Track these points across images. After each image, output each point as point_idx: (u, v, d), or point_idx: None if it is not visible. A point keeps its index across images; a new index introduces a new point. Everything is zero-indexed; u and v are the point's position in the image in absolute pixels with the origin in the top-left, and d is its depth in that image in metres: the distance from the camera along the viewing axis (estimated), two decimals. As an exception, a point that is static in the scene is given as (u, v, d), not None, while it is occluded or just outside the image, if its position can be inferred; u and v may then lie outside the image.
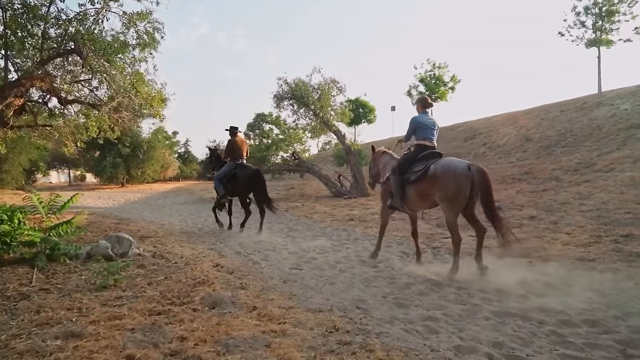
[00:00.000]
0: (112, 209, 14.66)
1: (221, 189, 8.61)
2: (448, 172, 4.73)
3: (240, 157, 8.55)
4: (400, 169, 5.36)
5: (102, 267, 3.91)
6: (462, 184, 4.62)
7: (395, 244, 6.89)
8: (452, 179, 4.69)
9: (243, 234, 8.29)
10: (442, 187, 4.75)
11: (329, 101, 16.55)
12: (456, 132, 24.09)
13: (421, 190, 5.06)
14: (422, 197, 5.13)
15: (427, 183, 4.94)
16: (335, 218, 10.18)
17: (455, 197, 4.70)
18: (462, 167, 4.69)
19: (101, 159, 31.84)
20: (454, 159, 5.05)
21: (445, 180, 4.73)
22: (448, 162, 4.87)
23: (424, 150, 5.20)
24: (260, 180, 8.36)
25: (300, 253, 6.31)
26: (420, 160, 5.16)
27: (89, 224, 8.27)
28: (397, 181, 5.36)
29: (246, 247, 6.82)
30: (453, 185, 4.67)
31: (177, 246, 6.40)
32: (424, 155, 5.16)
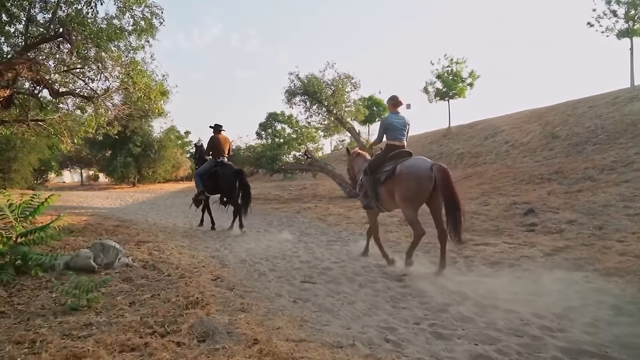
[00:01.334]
0: (117, 209, 14.11)
1: (200, 185, 8.63)
2: (411, 171, 4.83)
3: (222, 155, 8.51)
4: (371, 169, 5.47)
5: (74, 285, 3.22)
6: (424, 183, 4.71)
7: (421, 252, 6.10)
8: (414, 178, 4.78)
9: (251, 237, 7.62)
10: (404, 185, 4.86)
11: (343, 97, 15.82)
12: (475, 130, 23.11)
13: (391, 190, 5.14)
14: (393, 197, 5.17)
15: (394, 181, 5.02)
16: (351, 221, 9.42)
17: (417, 196, 4.83)
18: (425, 166, 4.77)
19: (112, 158, 31.60)
20: (419, 158, 5.11)
21: (408, 179, 4.83)
22: (412, 162, 4.97)
23: (394, 150, 5.28)
24: (243, 179, 8.37)
25: (314, 262, 5.58)
26: (389, 159, 5.24)
27: (85, 227, 7.66)
28: (369, 181, 5.49)
29: (253, 253, 6.12)
30: (415, 184, 4.78)
31: (176, 253, 5.72)
32: (393, 155, 5.25)
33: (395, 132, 5.32)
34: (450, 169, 16.23)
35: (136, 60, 6.77)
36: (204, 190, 8.62)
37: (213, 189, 8.59)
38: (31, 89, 6.82)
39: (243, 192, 8.34)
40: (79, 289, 3.12)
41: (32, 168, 24.41)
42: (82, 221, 8.74)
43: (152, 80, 7.15)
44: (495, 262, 5.20)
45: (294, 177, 23.51)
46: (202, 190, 8.63)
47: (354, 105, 16.21)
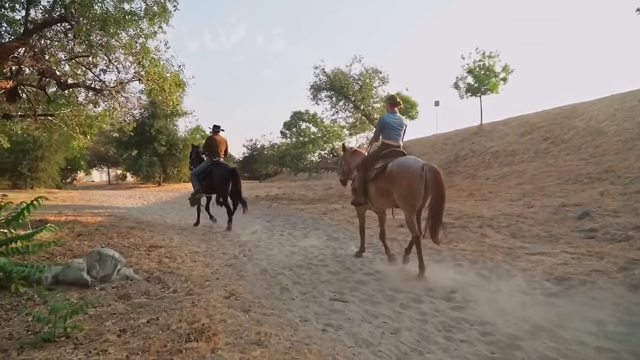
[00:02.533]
0: (138, 209, 13.70)
1: (197, 184, 8.76)
2: (402, 171, 4.77)
3: (217, 155, 8.63)
4: (364, 166, 5.47)
5: (49, 308, 2.59)
6: (415, 183, 4.63)
7: (467, 262, 5.29)
8: (405, 178, 4.71)
9: (274, 241, 6.96)
10: (397, 185, 4.80)
11: (371, 92, 15.04)
12: (510, 127, 21.91)
13: (379, 188, 5.14)
14: (381, 195, 5.17)
15: (384, 181, 5.01)
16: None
17: (410, 196, 4.73)
18: (416, 166, 4.70)
19: (138, 157, 31.67)
20: (410, 158, 5.02)
21: (399, 179, 4.77)
22: (403, 161, 4.90)
23: (387, 149, 5.28)
24: (236, 179, 8.46)
25: (344, 273, 4.85)
26: (382, 157, 5.24)
27: (97, 229, 7.14)
28: (360, 177, 5.50)
29: (275, 262, 5.44)
30: (406, 184, 4.70)
31: (189, 261, 5.10)
32: (385, 153, 5.24)
33: (392, 132, 5.32)
34: (484, 167, 15.26)
35: (147, 46, 6.19)
36: (200, 190, 8.72)
37: (209, 189, 8.72)
38: (38, 81, 6.35)
39: (236, 192, 8.50)
40: (55, 314, 2.49)
41: (59, 167, 24.47)
42: (97, 222, 8.28)
43: (166, 70, 6.59)
44: (561, 277, 4.35)
45: (320, 177, 22.85)
46: (198, 190, 8.75)
47: (382, 101, 15.38)
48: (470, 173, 18.10)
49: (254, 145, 45.84)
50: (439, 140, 28.06)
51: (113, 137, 34.11)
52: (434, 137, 30.27)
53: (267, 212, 11.96)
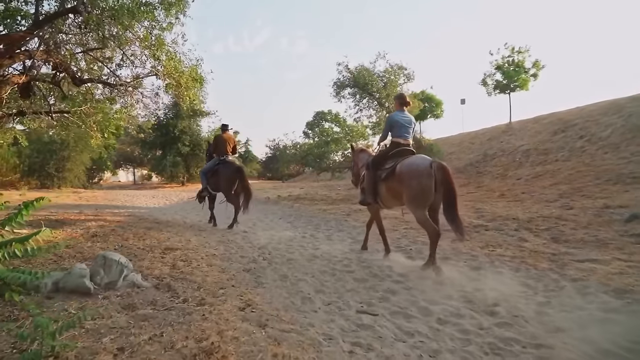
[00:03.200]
0: (159, 209, 13.58)
1: (204, 182, 8.86)
2: (411, 171, 4.74)
3: (225, 154, 8.67)
4: (374, 165, 5.42)
5: (34, 324, 2.26)
6: (425, 181, 4.59)
7: (507, 269, 4.79)
8: (415, 177, 4.67)
9: (295, 244, 6.59)
10: (407, 185, 4.75)
11: (396, 89, 14.50)
12: (541, 125, 21.00)
13: (390, 188, 5.11)
14: (392, 195, 5.14)
15: (394, 181, 4.97)
16: (409, 226, 8.15)
17: (420, 195, 4.66)
18: (424, 165, 4.67)
19: (162, 158, 31.94)
20: (418, 157, 4.97)
21: (409, 178, 4.73)
22: (412, 161, 4.86)
23: (397, 148, 5.22)
24: (243, 177, 8.46)
25: (371, 281, 4.43)
26: (392, 157, 5.19)
27: (113, 230, 6.92)
28: (369, 177, 5.46)
29: (297, 266, 5.07)
30: (416, 183, 4.65)
31: (204, 265, 4.76)
32: (395, 152, 5.19)
33: (401, 130, 5.25)
34: (515, 167, 14.54)
35: (162, 38, 5.88)
36: (207, 187, 8.81)
37: (216, 187, 8.75)
38: (53, 76, 6.15)
39: (243, 190, 8.46)
40: (42, 330, 2.16)
41: (85, 167, 24.79)
42: (115, 222, 8.08)
43: (183, 64, 6.30)
44: (621, 289, 3.82)
45: (343, 177, 22.42)
46: (205, 187, 8.84)
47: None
48: (499, 173, 17.38)
49: (277, 145, 45.90)
50: (466, 139, 27.25)
51: (138, 137, 34.56)
52: (460, 136, 29.45)
53: (288, 213, 11.62)
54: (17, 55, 5.23)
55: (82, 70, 6.22)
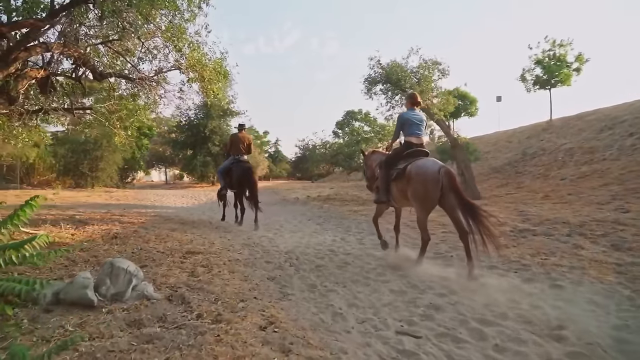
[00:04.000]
0: (186, 209, 13.43)
1: (222, 181, 9.01)
2: (419, 174, 4.77)
3: (239, 153, 8.74)
4: (387, 164, 5.45)
5: (8, 354, 1.89)
6: (430, 185, 4.62)
7: (566, 281, 4.18)
8: (421, 181, 4.71)
9: (324, 248, 6.15)
10: (413, 187, 4.80)
11: (430, 85, 13.84)
12: (585, 122, 19.83)
13: (400, 188, 5.14)
14: (402, 195, 5.15)
15: (404, 182, 4.99)
16: (448, 230, 7.55)
17: (424, 198, 4.71)
18: (433, 169, 4.68)
19: (192, 157, 32.13)
20: (429, 160, 4.95)
21: (416, 181, 4.77)
22: (422, 164, 4.86)
23: (410, 148, 5.23)
24: (250, 177, 8.52)
25: (410, 293, 3.93)
26: (405, 157, 5.19)
27: (135, 231, 6.65)
28: (383, 176, 5.48)
29: (326, 274, 4.62)
30: (421, 187, 4.71)
31: (226, 271, 4.37)
32: (409, 153, 5.19)
33: (412, 128, 5.25)
34: (557, 167, 13.62)
35: (183, 26, 5.51)
36: (225, 186, 8.92)
37: (230, 186, 8.85)
38: (73, 71, 5.93)
39: (249, 190, 8.59)
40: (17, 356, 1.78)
41: (117, 167, 25.13)
42: (139, 223, 7.85)
43: (206, 56, 5.95)
44: None
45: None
46: (224, 186, 8.96)
47: (442, 95, 14.17)
48: (541, 173, 16.43)
49: (306, 145, 45.68)
50: (502, 138, 26.19)
51: (169, 137, 34.98)
52: (496, 135, 28.36)
53: (318, 214, 11.18)
54: (33, 48, 5.01)
55: (104, 65, 5.96)
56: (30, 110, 5.78)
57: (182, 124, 32.70)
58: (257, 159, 37.74)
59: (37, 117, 6.23)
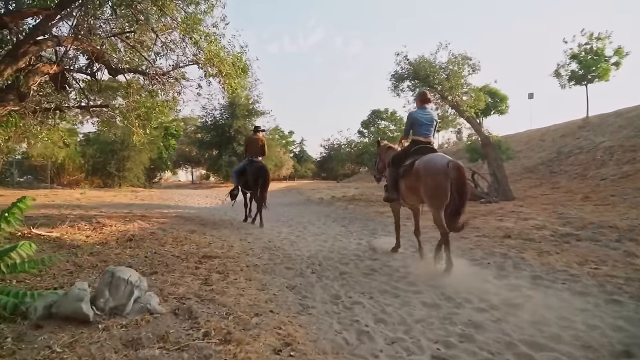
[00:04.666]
0: (210, 209, 13.26)
1: (235, 181, 9.30)
2: (427, 168, 4.71)
3: (253, 154, 8.97)
4: (394, 162, 5.45)
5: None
6: (440, 179, 4.54)
7: (625, 296, 3.66)
8: (430, 175, 4.65)
9: (349, 253, 5.77)
10: (423, 182, 4.74)
11: (460, 81, 13.24)
12: (626, 119, 18.77)
13: (409, 185, 5.12)
14: (411, 192, 5.13)
15: (412, 178, 4.96)
16: (481, 233, 7.05)
17: (436, 194, 4.63)
18: (441, 163, 4.60)
19: (217, 157, 32.23)
20: (437, 155, 4.89)
21: (425, 176, 4.71)
22: (429, 159, 4.80)
23: (417, 145, 5.20)
24: (264, 176, 8.67)
25: (445, 307, 3.50)
26: (412, 154, 5.17)
27: (153, 233, 6.43)
28: (391, 174, 5.50)
29: (351, 284, 4.23)
30: (431, 181, 4.63)
31: (242, 279, 4.05)
32: (415, 150, 5.17)
33: (421, 128, 5.24)
34: (596, 166, 12.74)
35: (198, 17, 5.22)
36: (238, 186, 9.18)
37: (246, 185, 9.06)
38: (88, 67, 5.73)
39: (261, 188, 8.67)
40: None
41: (144, 166, 25.38)
42: (158, 224, 7.64)
43: (224, 49, 5.65)
44: None
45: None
46: (236, 186, 9.23)
47: (473, 91, 13.55)
48: (578, 172, 15.57)
49: (331, 144, 45.30)
50: (535, 136, 25.19)
51: (195, 137, 35.23)
52: (528, 133, 27.34)
53: (342, 216, 10.77)
54: (44, 42, 4.82)
55: (119, 60, 5.75)
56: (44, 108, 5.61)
57: (208, 124, 32.91)
58: (282, 159, 37.66)
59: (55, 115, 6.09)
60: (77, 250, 4.32)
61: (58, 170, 23.57)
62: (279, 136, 42.96)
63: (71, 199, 14.12)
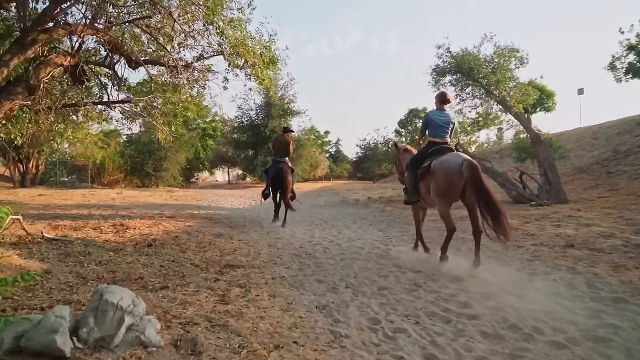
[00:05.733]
0: (242, 210, 12.89)
1: (265, 181, 9.44)
2: (442, 167, 4.76)
3: (279, 154, 9.12)
4: (412, 165, 5.43)
5: None
6: (454, 179, 4.59)
7: None
8: (444, 174, 4.70)
9: (388, 263, 5.13)
10: (436, 181, 4.79)
11: (508, 74, 12.27)
12: (692, 115, 17.07)
13: (428, 186, 5.04)
14: (430, 192, 5.00)
15: (430, 179, 4.93)
16: (539, 241, 6.21)
17: (447, 192, 4.70)
18: (456, 163, 4.63)
19: (253, 157, 32.13)
20: (452, 155, 4.90)
21: (438, 175, 4.76)
22: (445, 158, 4.84)
23: (434, 146, 5.18)
24: (280, 177, 8.73)
25: (513, 340, 2.81)
26: (429, 155, 5.14)
27: (176, 237, 6.01)
28: (410, 176, 5.47)
29: (392, 302, 3.61)
30: (445, 180, 4.69)
31: (265, 295, 3.50)
32: (433, 151, 5.13)
33: (437, 129, 5.24)
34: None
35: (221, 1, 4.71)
36: (269, 186, 9.17)
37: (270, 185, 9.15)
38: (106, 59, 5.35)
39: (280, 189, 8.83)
40: None
41: (180, 166, 25.47)
42: (185, 227, 7.24)
43: (250, 37, 5.15)
44: None
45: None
46: (267, 186, 9.24)
47: (521, 86, 12.54)
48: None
49: (367, 144, 44.35)
50: (587, 134, 23.55)
51: (232, 137, 35.29)
52: (578, 131, 25.63)
53: (380, 219, 10.09)
54: (54, 30, 4.46)
55: (140, 51, 5.35)
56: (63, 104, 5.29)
57: (244, 124, 32.86)
58: (318, 159, 37.19)
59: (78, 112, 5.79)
60: (85, 258, 3.90)
61: (99, 171, 24.03)
62: (315, 136, 42.49)
63: (106, 198, 14.11)
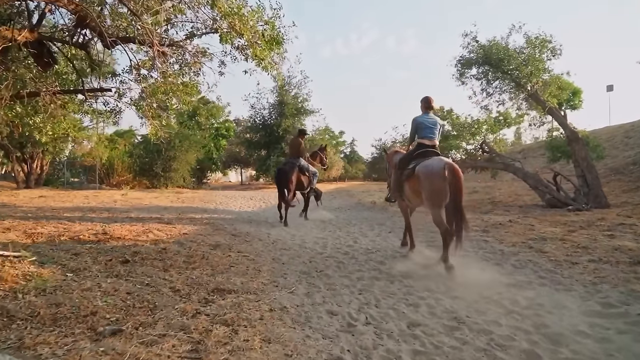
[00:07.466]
0: (249, 213, 11.97)
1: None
2: (426, 171, 4.84)
3: (292, 155, 9.59)
4: (400, 165, 5.55)
5: None
6: (437, 181, 4.68)
7: None
8: (428, 178, 4.79)
9: (417, 284, 4.17)
10: (422, 185, 4.87)
11: (541, 65, 11.16)
12: None
13: (411, 187, 5.21)
14: (415, 194, 5.20)
15: (414, 180, 5.06)
16: (596, 256, 5.14)
17: (434, 195, 4.76)
18: (439, 166, 4.73)
19: (266, 158, 31.34)
20: (435, 158, 4.97)
21: (423, 178, 4.84)
22: (429, 162, 4.92)
23: (421, 149, 5.28)
24: (283, 177, 8.99)
25: None
26: (416, 157, 5.23)
27: (163, 250, 5.12)
28: (395, 176, 5.69)
29: (424, 335, 2.67)
30: (429, 184, 4.78)
31: (257, 340, 2.57)
32: (419, 153, 5.24)
33: (426, 131, 5.31)
34: None
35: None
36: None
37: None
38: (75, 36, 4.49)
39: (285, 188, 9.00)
40: None
41: (190, 167, 24.75)
42: (180, 235, 6.37)
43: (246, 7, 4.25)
44: None
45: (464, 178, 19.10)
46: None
47: (557, 79, 11.42)
48: (684, 174, 12.95)
49: (383, 144, 43.21)
50: (618, 133, 22.17)
51: (244, 137, 34.56)
52: (608, 130, 24.21)
53: (399, 224, 9.04)
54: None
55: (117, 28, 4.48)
56: (11, 91, 4.44)
57: (257, 123, 32.09)
58: (332, 160, 36.19)
59: (35, 100, 4.94)
60: (27, 284, 3.02)
61: (108, 171, 23.48)
62: (329, 136, 41.52)
63: (109, 200, 13.40)
